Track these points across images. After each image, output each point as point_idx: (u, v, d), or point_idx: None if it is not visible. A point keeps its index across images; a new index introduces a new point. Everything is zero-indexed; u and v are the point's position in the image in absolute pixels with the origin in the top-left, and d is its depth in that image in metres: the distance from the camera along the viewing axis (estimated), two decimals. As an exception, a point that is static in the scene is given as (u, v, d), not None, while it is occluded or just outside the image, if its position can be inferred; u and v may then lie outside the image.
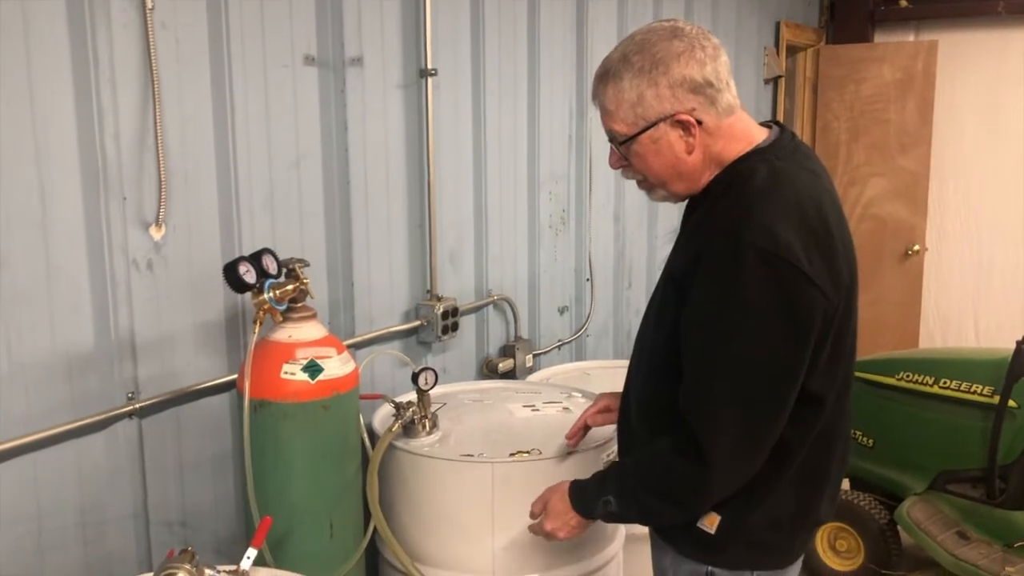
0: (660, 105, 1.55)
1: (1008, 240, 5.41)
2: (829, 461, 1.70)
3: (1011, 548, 3.12)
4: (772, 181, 1.55)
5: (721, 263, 1.49)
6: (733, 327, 1.49)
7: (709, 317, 1.51)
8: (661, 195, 1.69)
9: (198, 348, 2.22)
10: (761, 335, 1.48)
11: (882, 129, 5.36)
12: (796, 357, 1.51)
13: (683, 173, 1.62)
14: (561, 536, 1.83)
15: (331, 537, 2.10)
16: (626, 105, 1.58)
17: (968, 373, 3.29)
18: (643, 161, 1.63)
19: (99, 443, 2.03)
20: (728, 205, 1.55)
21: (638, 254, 4.04)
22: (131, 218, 2.04)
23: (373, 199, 2.67)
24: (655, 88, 1.55)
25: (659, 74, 1.54)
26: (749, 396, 1.51)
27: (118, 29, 1.97)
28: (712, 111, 1.57)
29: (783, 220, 1.48)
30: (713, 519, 1.65)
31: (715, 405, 1.53)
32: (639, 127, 1.58)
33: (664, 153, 1.60)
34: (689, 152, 1.59)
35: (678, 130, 1.57)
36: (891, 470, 3.48)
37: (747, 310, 1.47)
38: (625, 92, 1.57)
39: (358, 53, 2.56)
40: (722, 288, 1.49)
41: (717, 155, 1.61)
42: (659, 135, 1.58)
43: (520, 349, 3.28)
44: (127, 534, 2.11)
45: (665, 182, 1.65)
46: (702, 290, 1.52)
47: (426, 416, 2.32)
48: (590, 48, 3.51)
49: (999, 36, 5.26)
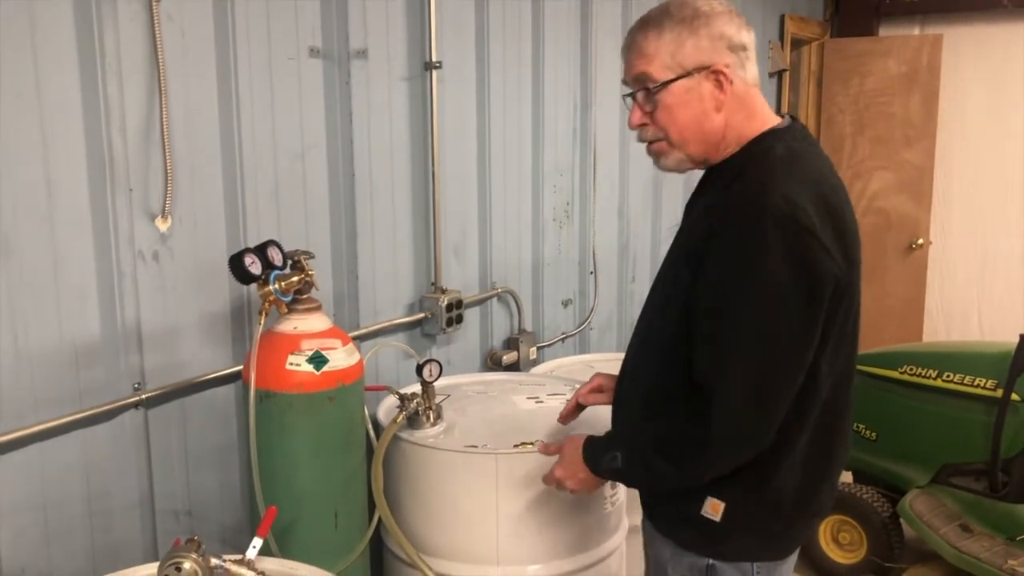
0: (699, 55, 1.58)
1: (1012, 234, 5.40)
2: (831, 449, 1.71)
3: (1014, 541, 3.13)
4: (790, 157, 1.58)
5: (741, 230, 1.50)
6: (753, 291, 1.50)
7: (728, 281, 1.52)
8: (676, 158, 1.67)
9: (204, 339, 2.24)
10: (778, 300, 1.49)
11: (887, 123, 5.36)
12: (810, 324, 1.52)
13: (706, 132, 1.63)
14: (568, 486, 1.85)
15: (336, 527, 2.12)
16: (665, 51, 1.59)
17: (971, 367, 3.30)
18: (670, 114, 1.62)
19: (105, 433, 2.05)
20: (747, 180, 1.57)
21: (642, 248, 4.05)
22: (137, 209, 2.05)
23: (378, 191, 2.68)
24: (695, 38, 1.58)
25: (700, 25, 1.58)
26: (765, 360, 1.52)
27: (124, 21, 1.98)
28: (741, 74, 1.61)
29: (801, 191, 1.51)
30: (717, 506, 1.65)
31: (731, 369, 1.53)
32: (675, 73, 1.59)
33: (693, 106, 1.61)
34: (717, 109, 1.61)
35: (711, 83, 1.59)
36: (894, 463, 3.49)
37: (767, 274, 1.48)
38: (666, 38, 1.59)
39: (363, 46, 2.57)
40: (742, 254, 1.50)
41: (737, 127, 1.63)
42: (692, 84, 1.59)
43: (524, 342, 3.29)
44: (133, 523, 2.13)
45: (686, 141, 1.64)
46: (720, 257, 1.52)
47: (430, 408, 2.34)
48: (594, 40, 3.51)
49: (1004, 30, 5.25)
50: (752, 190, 1.53)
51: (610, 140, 3.73)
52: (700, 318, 1.57)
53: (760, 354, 1.52)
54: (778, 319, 1.51)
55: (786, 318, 1.51)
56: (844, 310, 1.59)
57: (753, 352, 1.52)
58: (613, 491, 2.35)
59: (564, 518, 2.24)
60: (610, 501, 2.35)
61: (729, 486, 1.65)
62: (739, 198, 1.55)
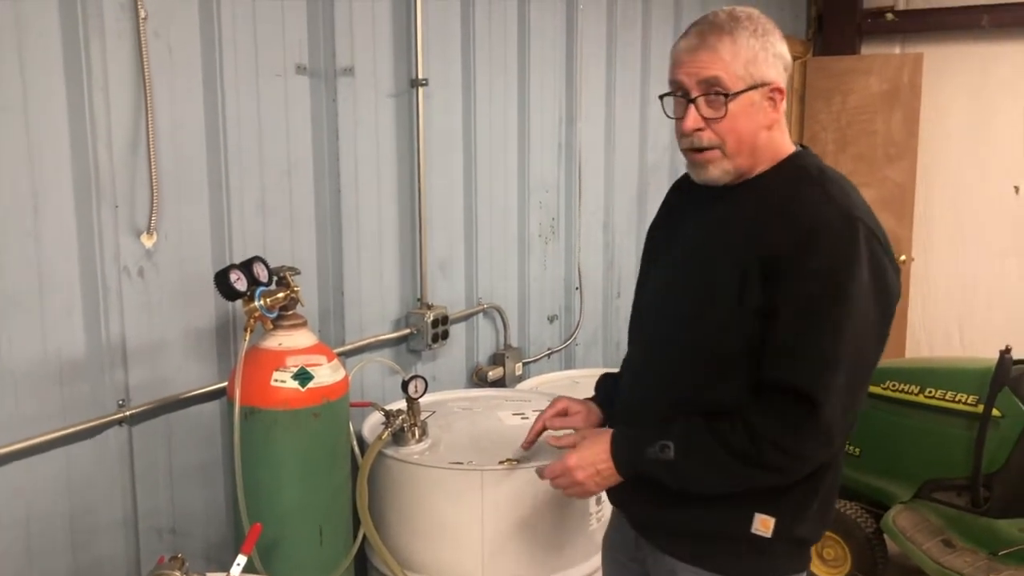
0: (767, 70, 1.60)
1: (993, 251, 5.45)
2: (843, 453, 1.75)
3: (995, 556, 3.14)
4: (841, 177, 1.65)
5: (837, 243, 1.52)
6: (851, 304, 1.51)
7: (827, 294, 1.52)
8: (724, 168, 1.64)
9: (189, 355, 2.23)
10: (867, 313, 1.53)
11: (869, 140, 5.41)
12: (883, 337, 1.59)
13: (757, 146, 1.63)
14: (577, 477, 1.70)
15: (321, 544, 2.11)
16: (742, 60, 1.58)
17: (953, 382, 3.32)
18: (733, 122, 1.60)
19: (89, 449, 2.04)
20: (818, 192, 1.59)
21: (628, 264, 4.06)
22: (123, 225, 2.05)
23: (364, 208, 2.68)
24: (766, 53, 1.60)
25: (768, 42, 1.61)
26: (856, 373, 1.55)
27: (111, 38, 1.99)
28: (783, 94, 1.65)
29: (868, 207, 1.60)
30: (768, 522, 1.62)
31: (832, 380, 1.52)
32: (747, 84, 1.59)
33: (754, 119, 1.61)
34: (768, 127, 1.63)
35: (768, 100, 1.61)
36: (877, 479, 3.51)
37: (859, 282, 1.51)
38: (743, 47, 1.59)
39: (349, 63, 2.58)
40: (840, 267, 1.51)
41: (772, 143, 1.65)
42: (756, 98, 1.60)
43: (510, 357, 3.30)
44: (116, 541, 2.12)
45: (740, 152, 1.63)
46: (818, 269, 1.51)
47: (416, 424, 2.34)
48: (580, 57, 3.53)
49: (983, 49, 5.31)
50: (836, 202, 1.56)
51: (596, 156, 3.75)
52: (793, 324, 1.54)
53: (853, 366, 1.54)
54: (866, 332, 1.55)
55: (871, 331, 1.56)
56: None
57: (848, 364, 1.54)
58: (598, 507, 2.35)
59: (549, 535, 2.24)
60: (595, 517, 2.35)
61: (780, 497, 1.62)
62: (827, 211, 1.55)
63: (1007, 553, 3.12)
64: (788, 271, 1.53)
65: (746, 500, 1.63)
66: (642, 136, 4.02)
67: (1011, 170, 5.34)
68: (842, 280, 1.51)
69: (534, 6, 3.29)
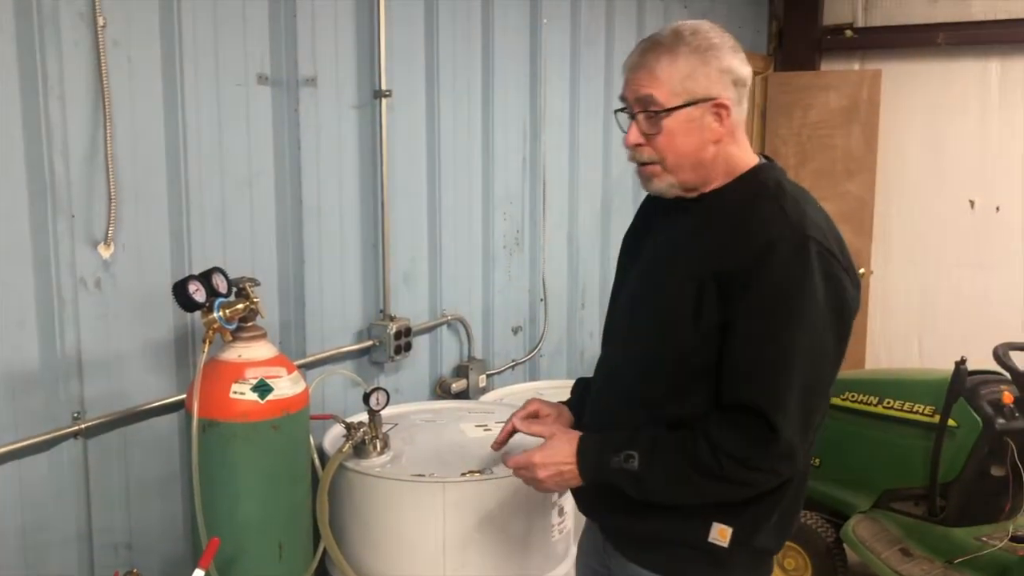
0: (708, 85, 1.60)
1: (950, 263, 5.56)
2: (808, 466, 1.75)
3: (951, 564, 3.19)
4: (800, 192, 1.65)
5: (789, 257, 1.53)
6: (804, 317, 1.53)
7: (779, 308, 1.53)
8: (667, 182, 1.67)
9: (146, 367, 2.20)
10: (822, 326, 1.54)
11: (829, 155, 5.49)
12: (840, 350, 1.59)
13: (701, 162, 1.64)
14: (539, 475, 1.71)
15: (280, 559, 2.08)
16: (677, 76, 1.60)
17: (911, 393, 3.38)
18: (670, 139, 1.62)
19: (43, 463, 2.00)
20: (774, 207, 1.60)
21: (591, 275, 4.08)
22: (79, 236, 2.02)
23: (326, 219, 2.67)
24: (706, 68, 1.60)
25: (712, 57, 1.61)
26: (812, 386, 1.56)
27: (68, 46, 1.96)
28: (738, 109, 1.65)
29: (825, 223, 1.60)
30: (725, 532, 1.63)
31: (787, 394, 1.53)
32: (683, 100, 1.60)
33: (694, 135, 1.62)
34: (715, 141, 1.63)
35: (712, 115, 1.62)
36: (837, 489, 3.55)
37: (814, 301, 1.52)
38: (679, 64, 1.60)
39: (312, 73, 2.57)
40: (792, 281, 1.53)
41: (728, 159, 1.66)
42: (697, 115, 1.61)
43: (474, 369, 3.29)
44: (70, 557, 2.08)
45: (681, 167, 1.64)
46: (770, 283, 1.53)
47: (377, 436, 2.32)
48: (544, 71, 3.55)
49: (939, 66, 5.43)
50: (790, 218, 1.57)
51: (560, 169, 3.77)
52: (746, 343, 1.56)
53: (809, 384, 1.55)
54: (822, 349, 1.56)
55: (827, 348, 1.56)
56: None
57: (805, 378, 1.54)
58: (560, 519, 2.35)
59: (511, 547, 2.24)
60: (557, 529, 2.35)
61: (738, 509, 1.63)
62: (779, 226, 1.56)
63: (962, 561, 3.17)
64: (741, 288, 1.55)
65: (705, 509, 1.64)
66: (606, 149, 4.04)
67: (967, 184, 5.45)
68: (794, 298, 1.52)
69: (498, 19, 3.30)
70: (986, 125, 5.37)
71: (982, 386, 3.25)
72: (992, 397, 3.21)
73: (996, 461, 3.15)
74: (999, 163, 5.35)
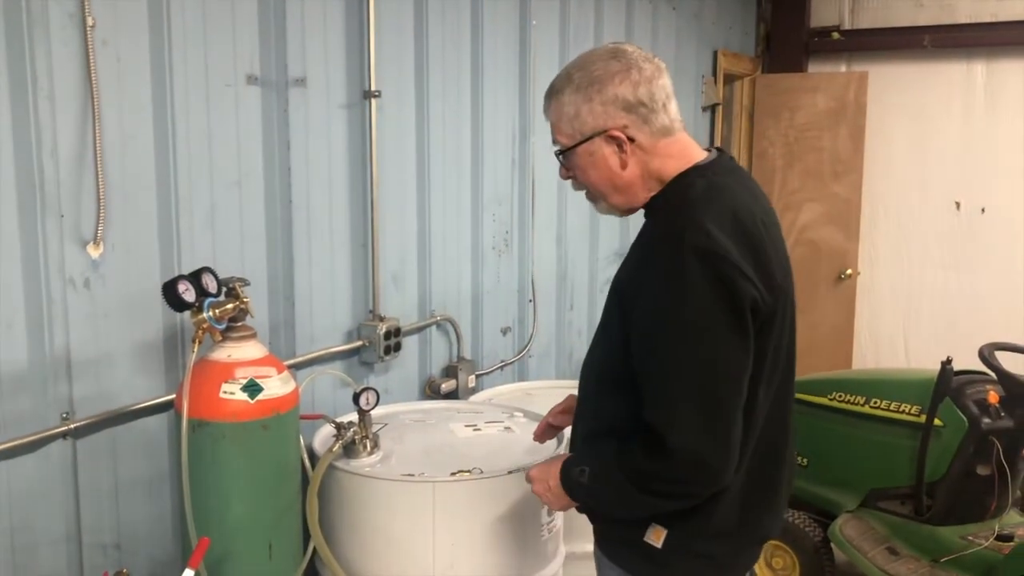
0: (594, 120, 1.65)
1: (936, 264, 5.59)
2: (776, 474, 1.75)
3: (937, 563, 3.21)
4: (709, 191, 1.63)
5: (664, 265, 1.55)
6: (682, 324, 1.53)
7: (658, 317, 1.56)
8: (604, 207, 1.77)
9: (135, 368, 2.20)
10: (707, 329, 1.53)
11: (816, 156, 5.52)
12: (740, 345, 1.56)
13: (619, 186, 1.70)
14: (534, 489, 1.84)
15: (270, 559, 2.08)
16: (566, 119, 1.68)
17: (897, 393, 3.39)
18: (582, 173, 1.72)
19: (31, 464, 1.99)
20: (667, 215, 1.64)
21: (580, 276, 4.09)
22: (68, 236, 2.02)
23: (315, 219, 2.67)
24: (589, 104, 1.64)
25: (594, 92, 1.64)
26: (704, 389, 1.54)
27: (57, 45, 1.96)
28: (646, 129, 1.65)
29: (717, 223, 1.56)
30: (659, 533, 1.67)
31: (675, 402, 1.55)
32: (576, 140, 1.68)
33: (599, 166, 1.68)
34: (623, 167, 1.67)
35: (612, 145, 1.65)
36: (825, 488, 3.56)
37: (690, 305, 1.52)
38: (565, 106, 1.67)
39: (301, 73, 2.57)
40: (667, 288, 1.54)
41: (656, 172, 1.68)
42: (594, 149, 1.67)
43: (463, 369, 3.30)
44: (59, 557, 2.07)
45: (604, 194, 1.73)
46: (648, 294, 1.57)
47: (367, 436, 2.32)
48: (533, 73, 3.56)
49: (925, 68, 5.47)
50: (673, 225, 1.58)
51: (548, 170, 3.77)
52: (637, 356, 1.61)
53: (698, 384, 1.54)
54: (710, 347, 1.54)
55: (717, 345, 1.54)
56: (774, 338, 1.63)
57: (692, 384, 1.54)
58: (550, 518, 2.36)
59: (501, 546, 2.24)
60: (547, 528, 2.36)
61: (670, 514, 1.67)
62: (661, 234, 1.62)
63: (948, 560, 3.19)
64: (631, 300, 1.62)
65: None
66: (595, 150, 4.05)
67: (953, 186, 5.49)
68: (673, 308, 1.53)
69: (487, 21, 3.31)
70: (972, 127, 5.41)
71: (968, 386, 3.27)
72: (978, 397, 3.23)
73: (982, 460, 3.18)
74: (985, 165, 5.39)
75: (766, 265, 1.60)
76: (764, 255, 1.60)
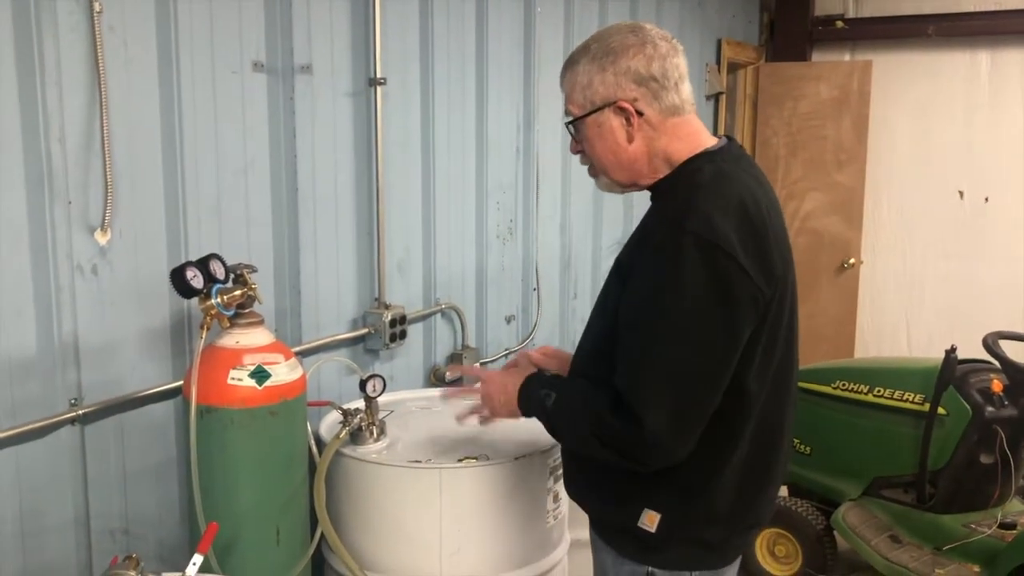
0: (605, 90, 1.66)
1: (939, 253, 5.59)
2: (769, 464, 1.76)
3: (940, 551, 3.23)
4: (716, 179, 1.63)
5: (661, 247, 1.57)
6: (667, 305, 1.55)
7: (645, 295, 1.59)
8: (604, 182, 1.78)
9: (143, 354, 2.20)
10: (693, 315, 1.54)
11: (819, 145, 5.51)
12: (726, 339, 1.57)
13: (623, 162, 1.71)
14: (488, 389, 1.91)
15: (278, 544, 2.09)
16: (579, 88, 1.69)
17: (900, 381, 3.40)
18: (591, 145, 1.72)
19: (40, 450, 2.00)
20: (673, 200, 1.65)
21: (583, 265, 4.10)
22: (76, 222, 2.02)
23: (321, 206, 2.67)
24: (602, 74, 1.66)
25: (608, 62, 1.66)
26: (679, 371, 1.56)
27: (65, 31, 1.96)
28: (655, 105, 1.66)
29: (722, 212, 1.57)
30: (653, 517, 1.69)
31: (645, 379, 1.57)
32: (586, 109, 1.69)
33: (606, 137, 1.69)
34: (629, 141, 1.68)
35: (620, 117, 1.67)
36: (828, 477, 3.58)
37: (682, 291, 1.54)
38: (579, 76, 1.69)
39: (307, 61, 2.57)
40: (660, 270, 1.56)
41: (663, 151, 1.68)
42: (603, 120, 1.68)
43: (467, 357, 3.30)
44: (68, 542, 2.08)
45: (607, 168, 1.74)
46: (641, 272, 1.60)
47: (373, 423, 2.33)
48: (537, 61, 3.56)
49: (929, 57, 5.45)
50: (677, 210, 1.59)
51: (552, 158, 3.77)
52: (621, 331, 1.64)
53: (673, 367, 1.56)
54: (693, 335, 1.55)
55: (701, 335, 1.55)
56: (770, 329, 1.63)
57: (666, 365, 1.56)
58: (555, 504, 2.37)
59: (507, 533, 2.25)
60: (552, 515, 2.37)
61: (665, 499, 1.69)
62: (664, 218, 1.63)
63: (951, 548, 3.21)
64: (627, 278, 1.64)
65: (640, 496, 1.71)
66: (599, 138, 4.04)
67: (956, 175, 5.48)
68: (663, 293, 1.55)
69: (492, 8, 3.30)
70: (975, 116, 5.40)
71: (971, 374, 3.28)
72: (981, 385, 3.24)
73: (985, 449, 3.19)
74: (988, 154, 5.38)
75: (767, 255, 1.60)
76: (766, 245, 1.61)
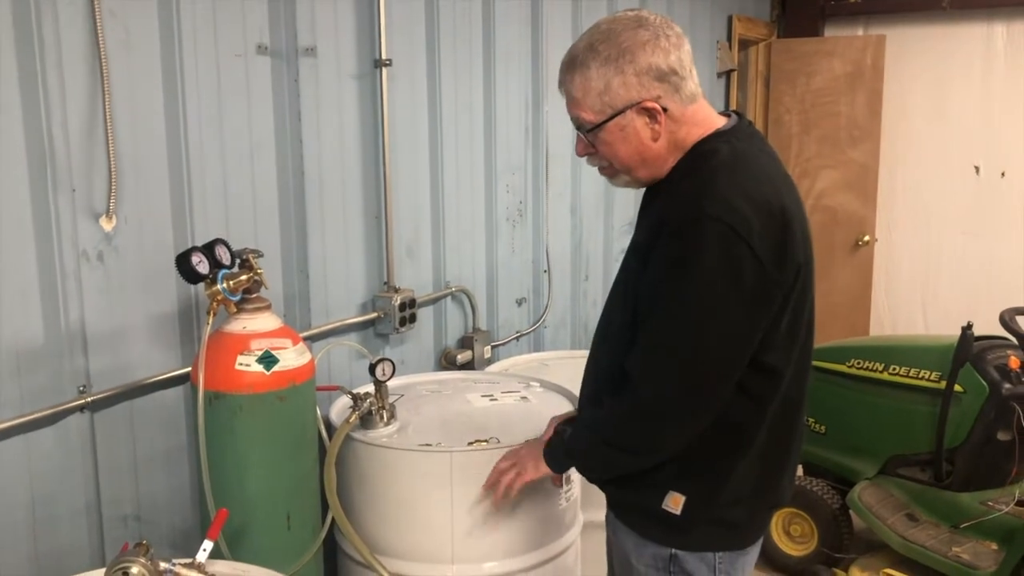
0: (627, 93, 1.59)
1: (954, 230, 5.53)
2: (789, 443, 1.75)
3: (957, 529, 3.20)
4: (734, 159, 1.60)
5: (682, 231, 1.54)
6: (685, 289, 1.54)
7: (664, 279, 1.56)
8: (624, 181, 1.73)
9: (151, 340, 2.20)
10: (709, 298, 1.53)
11: (833, 122, 5.44)
12: (741, 323, 1.56)
13: (648, 159, 1.66)
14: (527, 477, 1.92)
15: (288, 529, 2.09)
16: (593, 93, 1.61)
17: (916, 359, 3.37)
18: (610, 148, 1.65)
19: (49, 437, 2.00)
20: (692, 182, 1.61)
21: (594, 246, 4.07)
22: (81, 209, 2.01)
23: (328, 190, 2.65)
24: (622, 76, 1.58)
25: (625, 63, 1.58)
26: (692, 353, 1.57)
27: (65, 16, 1.94)
28: (677, 98, 1.61)
29: (743, 195, 1.54)
30: (678, 500, 1.68)
31: (659, 359, 1.59)
32: (606, 115, 1.62)
33: (631, 140, 1.63)
34: (655, 139, 1.63)
35: (644, 117, 1.61)
36: (843, 455, 3.55)
37: (699, 276, 1.52)
38: (592, 81, 1.60)
39: (312, 43, 2.54)
40: (679, 253, 1.54)
41: (681, 141, 1.65)
42: (626, 122, 1.61)
43: (478, 340, 3.29)
44: (79, 529, 2.08)
45: (631, 168, 1.68)
46: (660, 255, 1.57)
47: (383, 407, 2.32)
48: (545, 39, 3.52)
49: (944, 31, 5.37)
50: (696, 193, 1.56)
51: (562, 139, 3.74)
52: (640, 310, 1.63)
53: (691, 355, 1.57)
54: (709, 316, 1.55)
55: (716, 317, 1.55)
56: (794, 309, 1.62)
57: (681, 344, 1.57)
58: (567, 487, 2.35)
59: (519, 515, 2.24)
60: (564, 497, 2.35)
61: (691, 481, 1.68)
62: (684, 200, 1.59)
63: (968, 525, 3.18)
64: (645, 263, 1.61)
65: (663, 478, 1.70)
66: (608, 118, 4.00)
67: (972, 150, 5.41)
68: (679, 278, 1.54)
69: (499, -14, 3.27)
70: (991, 89, 5.32)
71: (988, 351, 3.24)
72: (999, 362, 3.20)
73: (1002, 426, 3.15)
74: (1004, 128, 5.30)
75: (787, 239, 1.57)
76: (787, 227, 1.58)
